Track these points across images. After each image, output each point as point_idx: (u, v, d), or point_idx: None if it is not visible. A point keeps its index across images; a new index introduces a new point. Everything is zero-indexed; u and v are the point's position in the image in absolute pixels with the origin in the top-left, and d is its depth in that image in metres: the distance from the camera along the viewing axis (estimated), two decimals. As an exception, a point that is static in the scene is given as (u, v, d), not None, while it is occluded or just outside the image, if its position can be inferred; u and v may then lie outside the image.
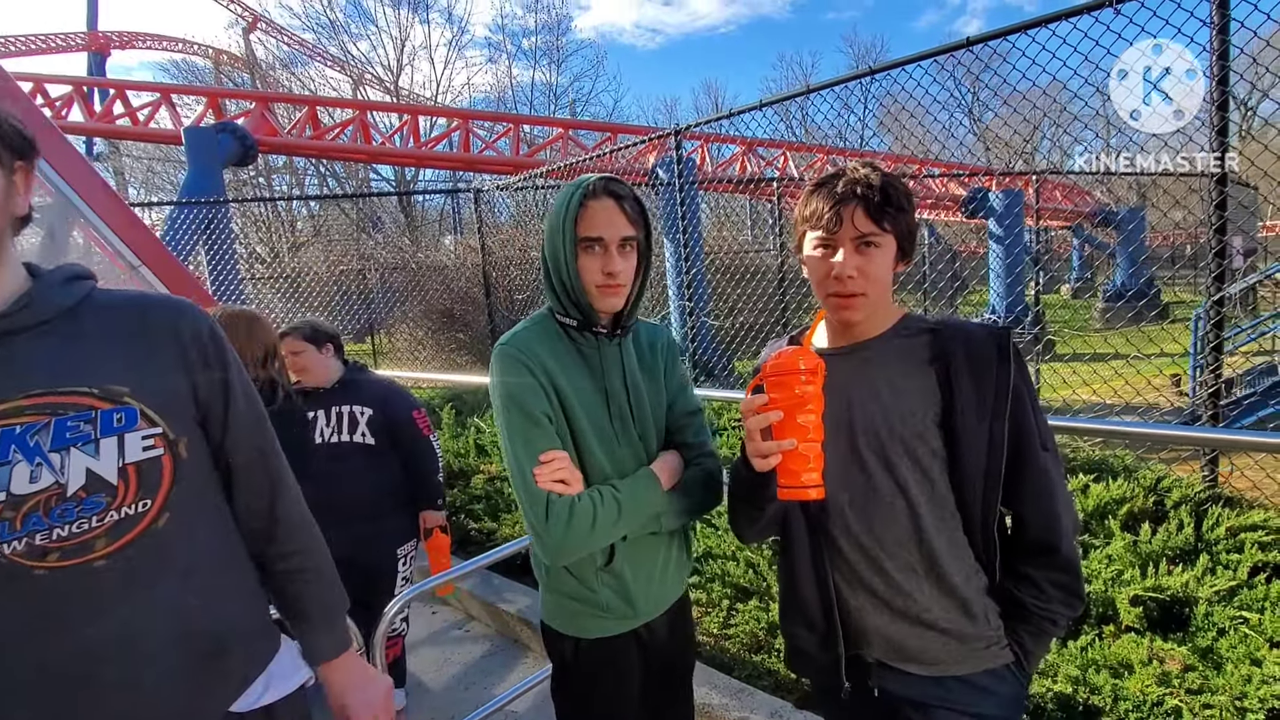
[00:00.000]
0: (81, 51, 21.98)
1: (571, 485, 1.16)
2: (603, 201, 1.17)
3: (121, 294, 0.92)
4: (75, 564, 0.80)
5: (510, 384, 1.17)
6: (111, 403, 0.83)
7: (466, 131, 11.59)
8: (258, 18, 26.52)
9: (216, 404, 0.94)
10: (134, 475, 0.84)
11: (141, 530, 0.84)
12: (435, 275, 10.27)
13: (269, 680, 0.98)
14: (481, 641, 3.13)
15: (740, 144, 11.45)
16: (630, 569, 1.24)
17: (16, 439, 0.77)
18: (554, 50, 30.52)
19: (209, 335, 0.94)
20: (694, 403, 1.37)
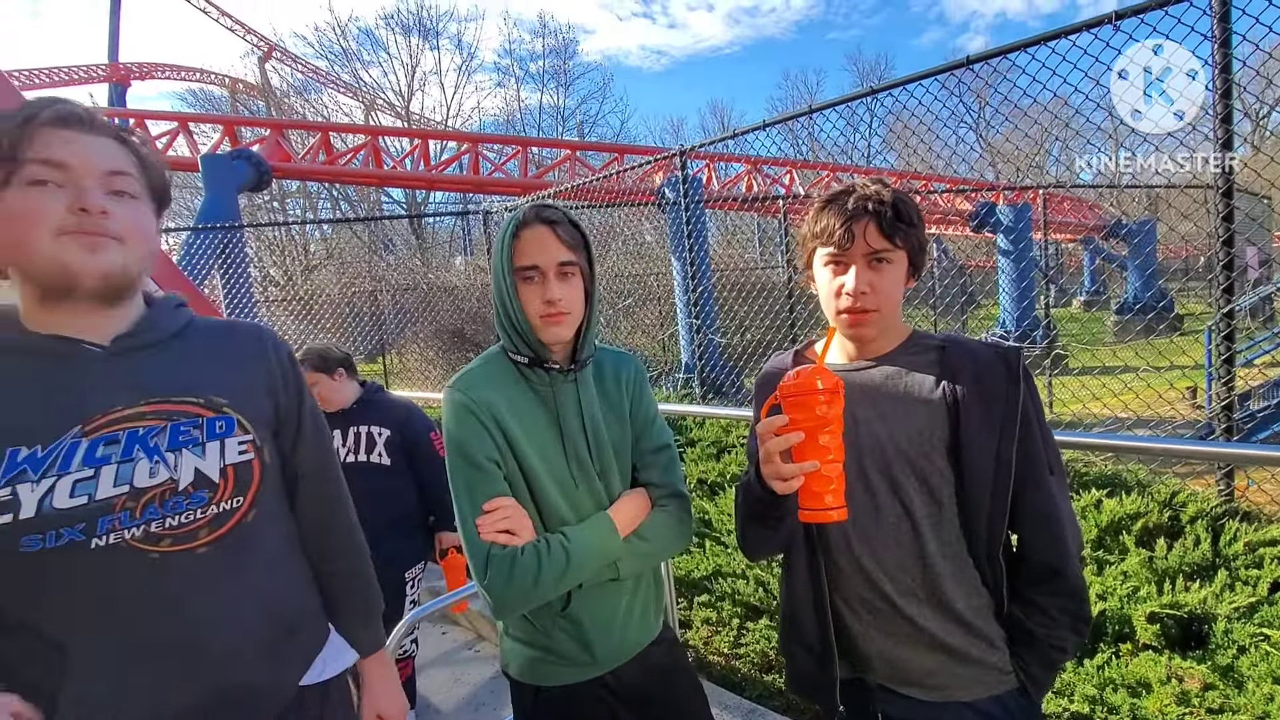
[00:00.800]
0: (103, 83, 22.57)
1: (518, 534, 1.09)
2: (535, 229, 1.13)
3: (215, 320, 1.06)
4: (183, 549, 0.91)
5: (454, 429, 1.11)
6: (214, 411, 0.95)
7: (476, 154, 11.77)
8: (273, 47, 27.18)
9: (291, 420, 1.07)
10: (231, 475, 0.95)
11: (235, 522, 0.96)
12: (446, 296, 10.37)
13: (325, 660, 1.09)
14: (491, 662, 3.12)
15: (746, 163, 11.54)
16: (587, 614, 1.17)
17: (140, 440, 0.89)
18: (561, 74, 31.04)
19: (288, 359, 1.09)
20: (662, 437, 1.28)
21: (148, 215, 0.93)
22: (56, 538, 0.82)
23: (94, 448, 0.86)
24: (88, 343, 0.89)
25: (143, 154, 0.93)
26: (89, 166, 0.86)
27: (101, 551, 0.85)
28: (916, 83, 3.04)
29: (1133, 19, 2.50)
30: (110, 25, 22.82)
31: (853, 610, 1.09)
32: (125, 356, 0.91)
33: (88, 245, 0.85)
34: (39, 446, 0.83)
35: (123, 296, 0.92)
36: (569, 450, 1.17)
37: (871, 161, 14.40)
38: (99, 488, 0.85)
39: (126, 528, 0.86)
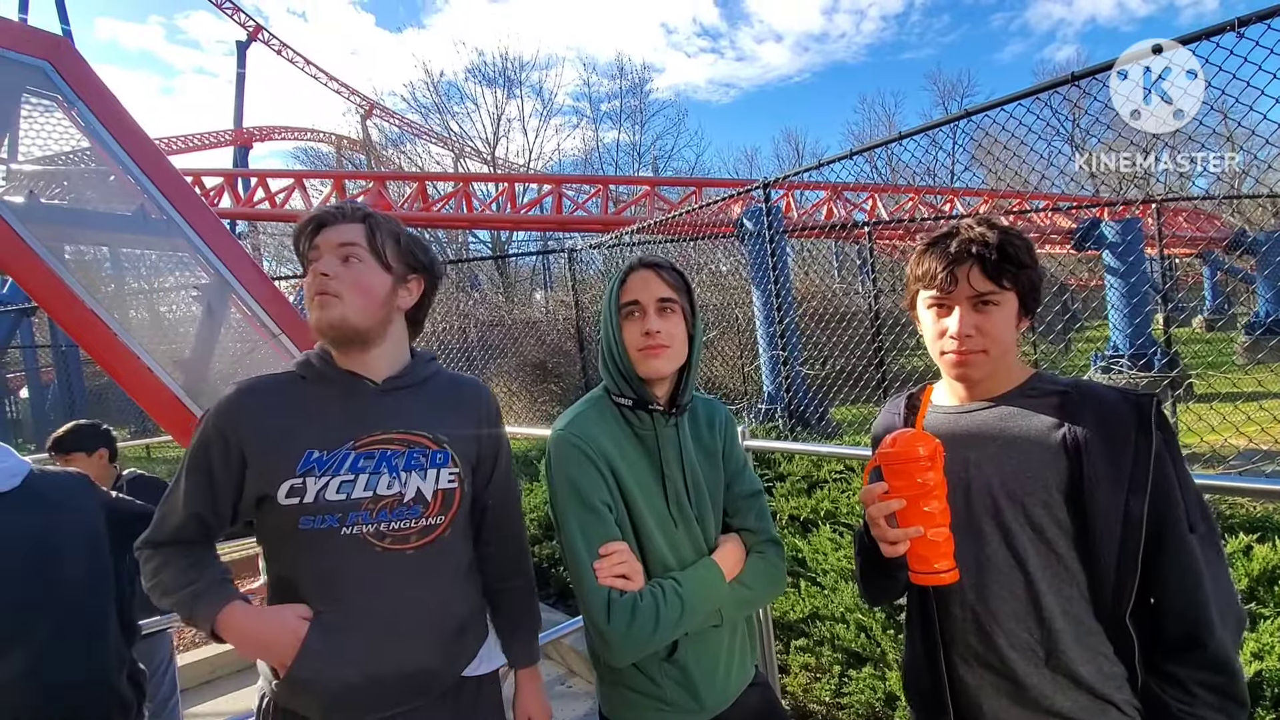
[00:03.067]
0: (229, 146, 25.18)
1: (633, 580, 1.11)
2: (640, 272, 1.21)
3: (450, 374, 1.33)
4: (397, 549, 1.14)
5: (568, 472, 1.14)
6: (437, 445, 1.20)
7: (558, 194, 12.24)
8: (373, 105, 29.51)
9: (487, 461, 1.30)
10: (440, 497, 1.18)
11: (436, 536, 1.18)
12: (528, 330, 10.74)
13: (482, 658, 1.28)
14: (583, 699, 3.12)
15: (827, 189, 11.40)
16: (694, 660, 1.18)
17: (387, 459, 1.15)
18: (636, 112, 31.92)
19: (495, 413, 1.34)
20: (754, 484, 1.31)
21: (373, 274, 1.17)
22: (321, 521, 1.09)
23: (357, 460, 1.12)
24: (369, 380, 1.18)
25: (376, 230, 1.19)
26: (329, 244, 1.15)
27: (347, 538, 1.10)
28: (1016, 102, 2.93)
29: (1258, 25, 2.32)
30: (235, 96, 25.52)
31: (966, 663, 1.04)
32: (390, 394, 1.19)
33: (319, 304, 1.12)
34: (325, 451, 1.11)
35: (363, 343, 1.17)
36: (670, 493, 1.19)
37: (958, 180, 13.88)
38: (354, 490, 1.11)
39: (365, 524, 1.11)
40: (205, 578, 1.11)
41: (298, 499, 1.08)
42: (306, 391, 1.16)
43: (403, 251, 1.21)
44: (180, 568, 1.12)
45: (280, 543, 1.14)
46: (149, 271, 4.14)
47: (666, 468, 1.20)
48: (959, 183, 23.71)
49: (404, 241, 1.22)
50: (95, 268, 4.15)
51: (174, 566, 1.12)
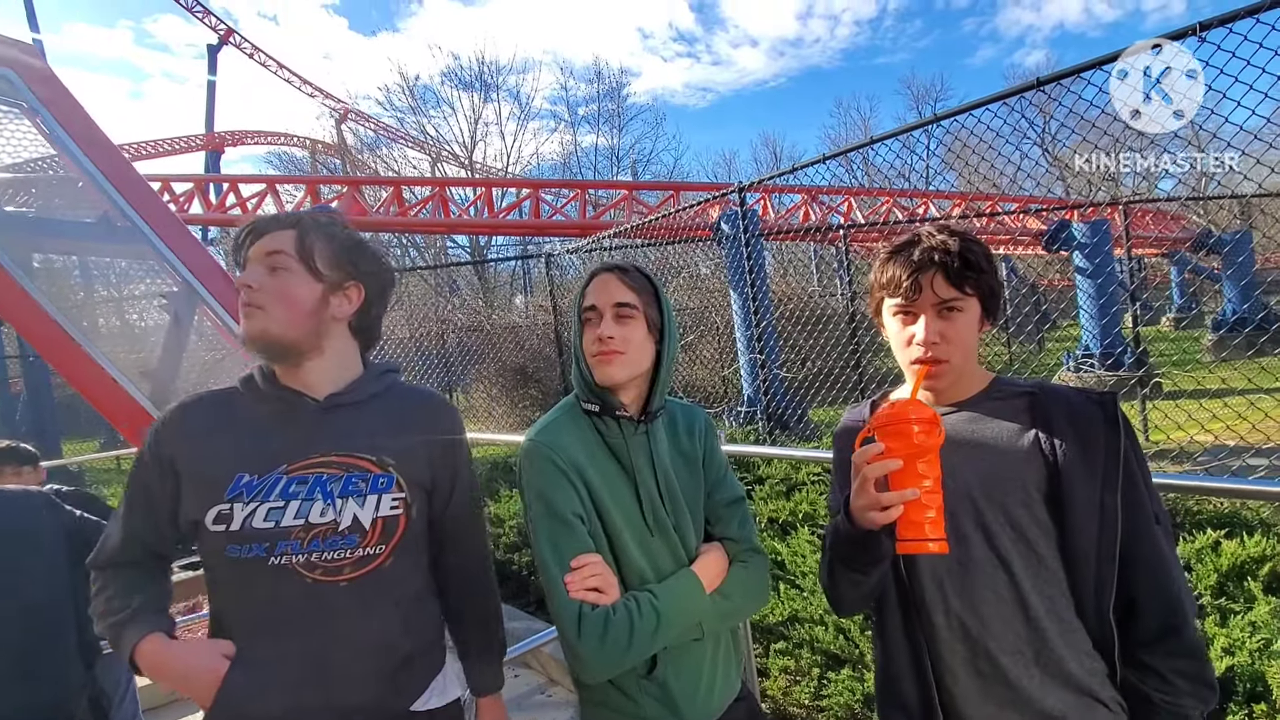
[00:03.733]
0: (200, 151, 24.72)
1: (606, 593, 1.07)
2: (600, 277, 1.19)
3: (406, 387, 1.25)
4: (330, 581, 1.07)
5: (538, 483, 1.11)
6: (381, 469, 1.12)
7: (536, 199, 12.20)
8: (348, 109, 29.17)
9: (444, 485, 1.22)
10: (380, 526, 1.10)
11: (374, 567, 1.10)
12: (508, 335, 10.67)
13: (434, 690, 1.20)
14: (564, 708, 3.09)
15: (802, 193, 11.50)
16: (674, 676, 1.14)
17: (321, 484, 1.07)
18: (614, 116, 31.96)
19: (454, 428, 1.24)
20: (736, 490, 1.27)
21: (299, 283, 1.11)
22: (248, 550, 1.03)
23: (289, 485, 1.06)
24: (310, 397, 1.12)
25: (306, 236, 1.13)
26: (257, 253, 1.09)
27: (274, 569, 1.04)
28: (985, 107, 2.97)
29: (1220, 29, 2.39)
30: (207, 100, 25.09)
31: (951, 672, 1.03)
32: (332, 412, 1.13)
33: (244, 314, 1.08)
34: (256, 475, 1.05)
35: (292, 355, 1.11)
36: (644, 503, 1.16)
37: (931, 184, 14.08)
38: (284, 517, 1.05)
39: (295, 554, 1.05)
40: (135, 605, 1.07)
41: (224, 526, 1.03)
42: (245, 409, 1.10)
43: (337, 257, 1.14)
44: (114, 592, 1.08)
45: (211, 571, 1.09)
46: (117, 279, 4.04)
47: (638, 476, 1.16)
48: (932, 186, 24.07)
49: (340, 247, 1.15)
50: (63, 276, 4.04)
51: (109, 591, 1.09)
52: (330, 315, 1.13)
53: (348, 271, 1.15)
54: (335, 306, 1.14)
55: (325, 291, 1.12)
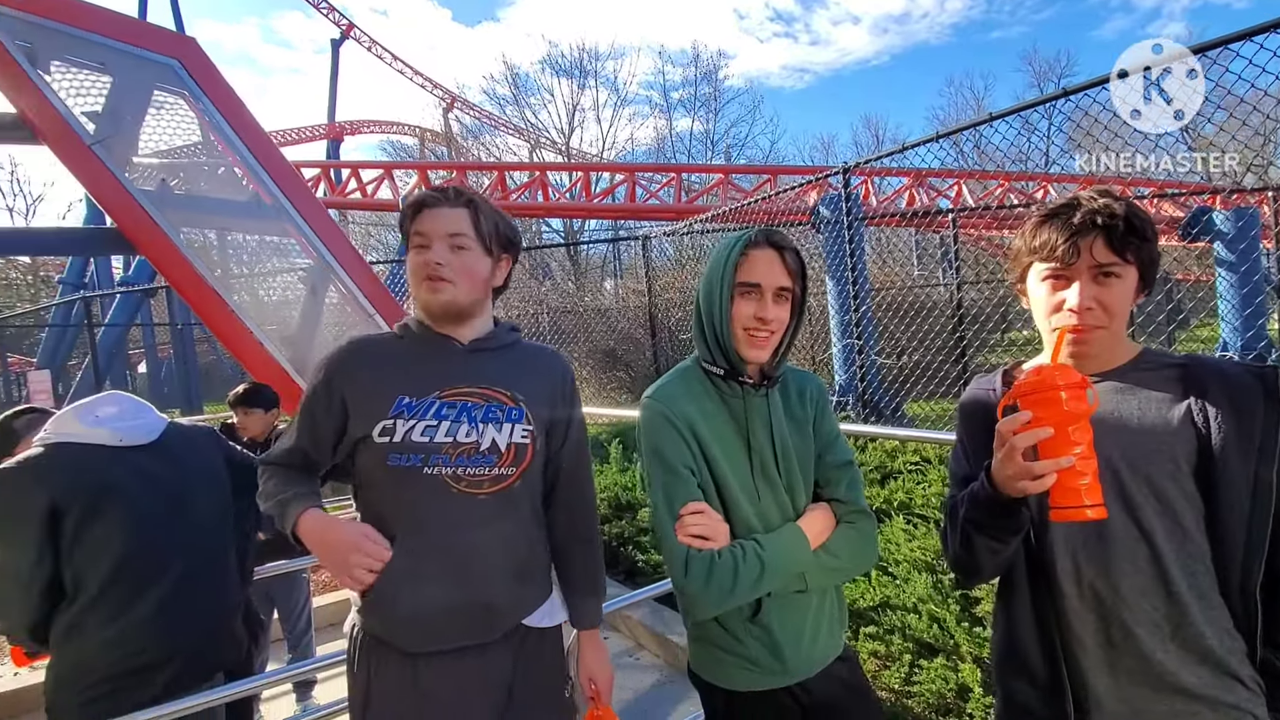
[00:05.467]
0: (323, 140, 26.63)
1: (714, 539, 1.14)
2: (764, 251, 1.20)
3: (531, 343, 1.45)
4: (471, 493, 1.25)
5: (653, 437, 1.20)
6: (514, 403, 1.31)
7: (632, 183, 12.35)
8: (455, 98, 30.49)
9: (560, 426, 1.39)
10: (513, 450, 1.28)
11: (506, 486, 1.28)
12: (599, 317, 10.91)
13: (544, 612, 1.36)
14: (651, 671, 3.21)
15: (909, 176, 10.98)
16: (778, 622, 1.20)
17: (467, 410, 1.26)
18: (710, 100, 31.60)
19: (570, 383, 1.43)
20: (846, 454, 1.31)
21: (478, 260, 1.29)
22: (406, 460, 1.22)
23: (441, 408, 1.25)
24: (456, 341, 1.32)
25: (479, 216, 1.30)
26: (436, 232, 1.26)
27: (428, 478, 1.22)
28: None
29: None
30: (329, 91, 26.94)
31: (1080, 642, 1.01)
32: (475, 354, 1.33)
33: (431, 288, 1.26)
34: (414, 398, 1.24)
35: (465, 317, 1.31)
36: (755, 462, 1.22)
37: (1051, 168, 13.01)
38: (437, 434, 1.23)
39: (445, 466, 1.23)
40: (296, 491, 1.27)
41: (388, 438, 1.21)
42: (403, 348, 1.31)
43: (499, 234, 1.33)
44: (280, 481, 1.30)
45: (371, 477, 1.26)
46: (262, 255, 4.48)
47: (752, 437, 1.23)
48: (1054, 168, 22.23)
49: (500, 225, 1.33)
50: (214, 250, 4.54)
51: (276, 480, 1.31)
52: (492, 283, 1.34)
53: (504, 246, 1.35)
54: (496, 276, 1.35)
55: (492, 264, 1.33)
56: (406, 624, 1.22)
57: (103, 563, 1.61)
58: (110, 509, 1.62)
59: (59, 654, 1.61)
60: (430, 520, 1.23)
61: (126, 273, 14.50)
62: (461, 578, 1.23)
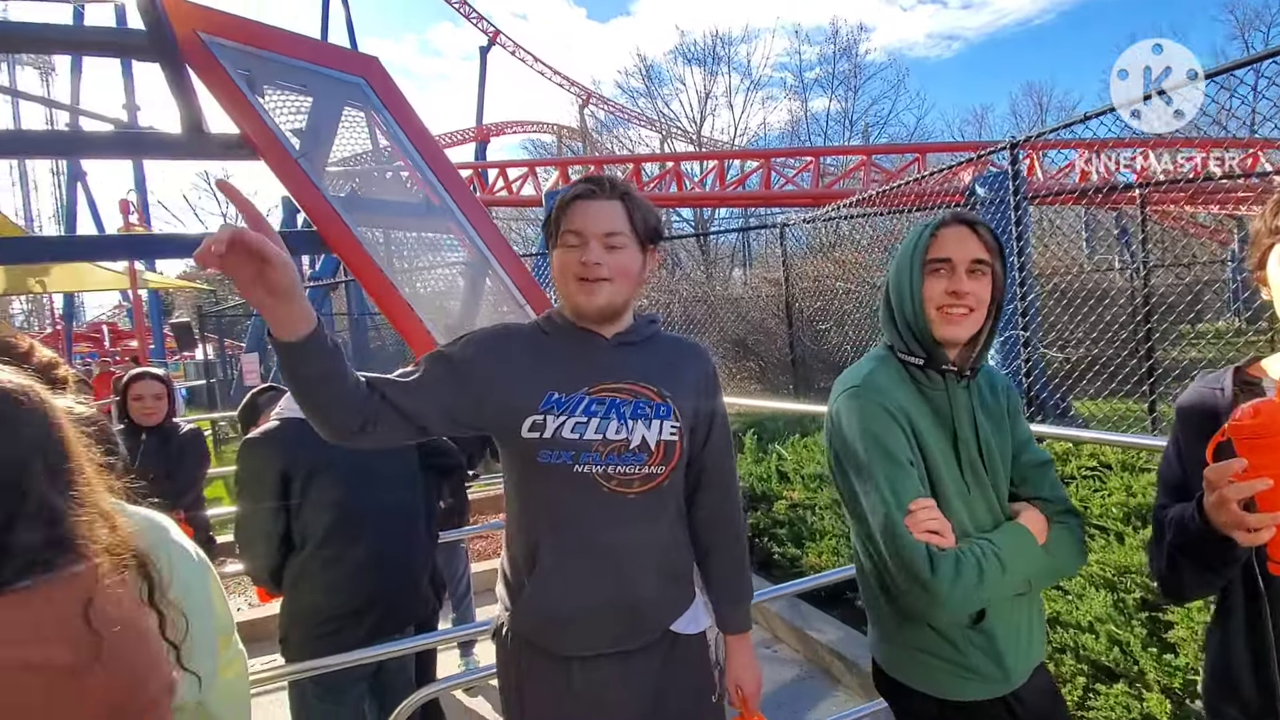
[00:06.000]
0: (471, 142, 28.59)
1: (944, 537, 1.07)
2: (954, 228, 1.15)
3: (672, 336, 1.39)
4: (620, 492, 1.21)
5: (872, 428, 1.12)
6: (661, 399, 1.25)
7: (768, 169, 12.10)
8: (590, 94, 31.45)
9: (704, 421, 1.32)
10: (662, 448, 1.23)
11: (655, 485, 1.23)
12: (729, 307, 10.82)
13: (689, 617, 1.31)
14: (790, 665, 3.19)
15: (1083, 149, 9.79)
16: (1000, 628, 1.13)
17: (616, 406, 1.22)
18: (849, 77, 30.08)
19: (713, 375, 1.36)
20: (1043, 453, 1.24)
21: (633, 257, 1.24)
22: (556, 457, 1.18)
23: (591, 404, 1.20)
24: (601, 335, 1.27)
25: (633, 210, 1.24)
26: (592, 231, 1.20)
27: (578, 475, 1.18)
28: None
29: None
30: (478, 96, 28.84)
31: None
32: (619, 349, 1.28)
33: (588, 290, 1.20)
34: (563, 394, 1.20)
35: (616, 315, 1.27)
36: (963, 458, 1.16)
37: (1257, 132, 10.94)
38: (587, 431, 1.19)
39: (595, 464, 1.19)
40: None
41: (538, 434, 1.18)
42: (550, 342, 1.27)
43: (649, 226, 1.27)
44: None
45: (521, 473, 1.23)
46: (428, 251, 4.92)
47: (960, 430, 1.16)
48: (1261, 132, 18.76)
49: (650, 216, 1.27)
50: (388, 248, 5.06)
51: None
52: (643, 278, 1.30)
53: (652, 237, 1.30)
54: (646, 270, 1.30)
55: (644, 259, 1.27)
56: (556, 625, 1.20)
57: (321, 520, 1.88)
58: (325, 476, 1.89)
59: (290, 595, 1.91)
60: (580, 519, 1.20)
61: (314, 269, 16.56)
62: (611, 579, 1.20)
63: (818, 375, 7.62)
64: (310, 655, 1.82)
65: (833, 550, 3.63)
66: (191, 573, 1.15)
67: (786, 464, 4.90)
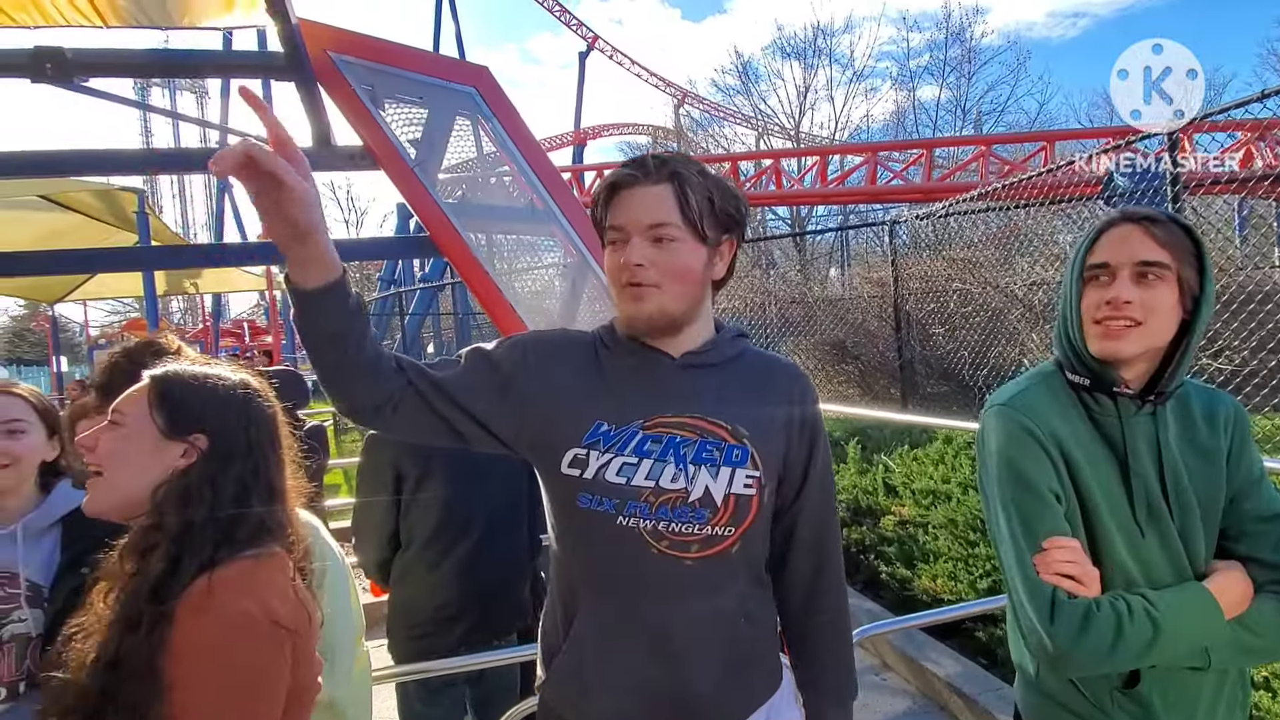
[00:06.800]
0: (569, 146, 29.31)
1: (1085, 585, 0.93)
2: (1119, 229, 0.98)
3: (762, 354, 1.12)
4: (674, 555, 0.97)
5: (1010, 451, 0.99)
6: (735, 440, 0.99)
7: (874, 164, 11.54)
8: (685, 94, 31.40)
9: (798, 468, 1.06)
10: (731, 504, 0.98)
11: (721, 550, 0.99)
12: (828, 308, 10.42)
13: (772, 709, 1.06)
14: (901, 696, 2.97)
15: (1247, 130, 8.62)
16: (1160, 700, 0.97)
17: (675, 446, 0.97)
18: (962, 63, 28.27)
19: (812, 406, 1.08)
20: (1275, 503, 1.00)
21: (691, 253, 0.98)
22: (598, 503, 0.96)
23: (644, 441, 0.97)
24: (666, 353, 1.03)
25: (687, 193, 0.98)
26: (634, 224, 0.96)
27: (622, 530, 0.96)
28: None
29: None
30: (576, 101, 29.55)
31: None
32: (686, 371, 1.02)
33: (633, 296, 0.97)
34: (613, 425, 0.98)
35: (678, 326, 1.01)
36: (1137, 496, 0.99)
37: None
38: (635, 475, 0.96)
39: (643, 518, 0.96)
40: None
41: (578, 471, 0.97)
42: (606, 359, 1.05)
43: (716, 213, 1.00)
44: None
45: (560, 515, 1.04)
46: (532, 254, 5.04)
47: (1133, 463, 0.99)
48: None
49: (717, 199, 1.00)
50: (494, 250, 5.23)
51: None
52: (710, 277, 1.03)
53: (726, 226, 1.02)
54: (715, 267, 1.03)
55: (708, 253, 1.01)
56: (590, 710, 1.01)
57: (427, 521, 1.92)
58: (436, 477, 1.92)
59: (396, 591, 1.97)
60: (622, 585, 0.98)
61: (424, 271, 17.56)
62: (658, 663, 0.98)
63: (925, 381, 7.18)
64: (407, 654, 1.87)
65: (949, 575, 3.37)
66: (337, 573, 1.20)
67: (894, 477, 4.63)
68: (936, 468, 4.45)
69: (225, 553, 0.87)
